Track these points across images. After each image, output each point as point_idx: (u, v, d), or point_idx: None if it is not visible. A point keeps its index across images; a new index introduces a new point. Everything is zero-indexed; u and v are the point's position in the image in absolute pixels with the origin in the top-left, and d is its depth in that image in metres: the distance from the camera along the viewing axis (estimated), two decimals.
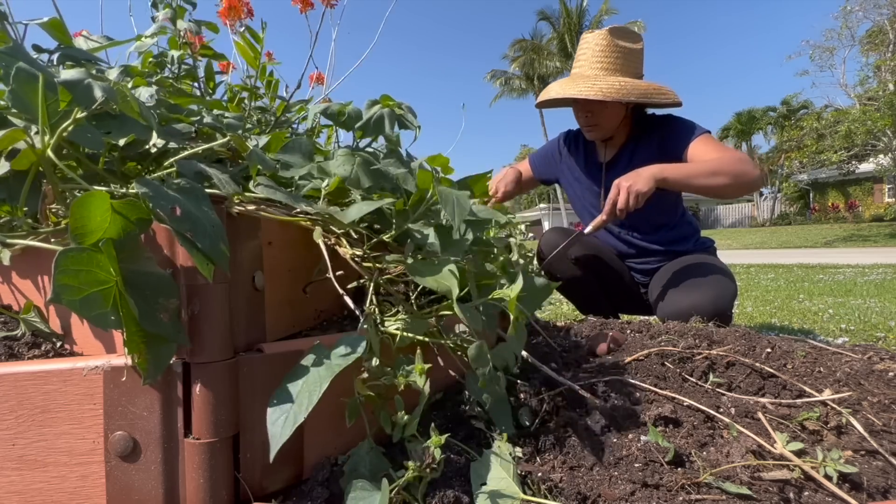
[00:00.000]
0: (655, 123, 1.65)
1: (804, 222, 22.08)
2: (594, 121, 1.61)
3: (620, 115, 1.62)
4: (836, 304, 3.02)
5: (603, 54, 1.55)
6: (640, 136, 1.66)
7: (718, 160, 1.40)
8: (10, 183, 0.58)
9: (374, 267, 0.69)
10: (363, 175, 0.74)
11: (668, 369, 0.89)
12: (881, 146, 15.03)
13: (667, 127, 1.61)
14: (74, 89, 0.53)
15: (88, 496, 0.50)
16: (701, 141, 1.51)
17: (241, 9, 1.06)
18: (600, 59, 1.56)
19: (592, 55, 1.57)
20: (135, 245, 0.48)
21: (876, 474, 0.61)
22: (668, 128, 1.60)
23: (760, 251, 12.03)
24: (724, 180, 1.36)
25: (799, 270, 5.97)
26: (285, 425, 0.48)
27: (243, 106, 1.18)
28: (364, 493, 0.50)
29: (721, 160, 1.40)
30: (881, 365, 0.87)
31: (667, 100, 1.53)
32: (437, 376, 0.77)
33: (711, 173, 1.37)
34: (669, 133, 1.59)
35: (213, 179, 0.60)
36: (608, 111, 1.59)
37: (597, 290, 1.82)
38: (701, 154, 1.48)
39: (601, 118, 1.60)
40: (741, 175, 1.37)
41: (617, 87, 1.48)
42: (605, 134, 1.65)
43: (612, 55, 1.55)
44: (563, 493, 0.57)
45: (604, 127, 1.62)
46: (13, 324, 0.69)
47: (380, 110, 0.92)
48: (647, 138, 1.64)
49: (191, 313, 0.51)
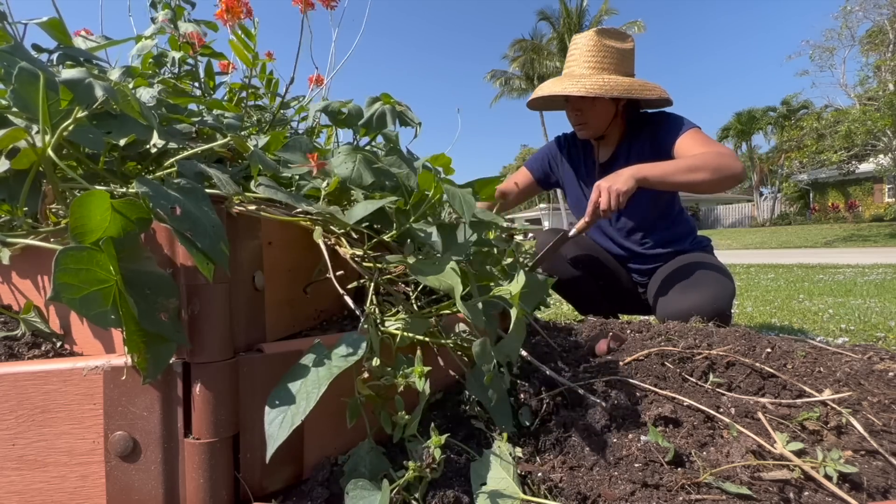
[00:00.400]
0: (647, 121, 1.67)
1: (804, 222, 22.09)
2: (583, 119, 1.65)
3: (610, 113, 1.64)
4: (836, 304, 3.02)
5: (591, 54, 1.60)
6: (634, 134, 1.68)
7: (700, 156, 1.41)
8: (11, 183, 0.58)
9: (374, 267, 0.69)
10: (365, 171, 0.74)
11: (668, 369, 0.89)
12: (881, 146, 15.03)
13: (657, 123, 1.63)
14: (75, 89, 0.53)
15: (88, 496, 0.50)
16: (688, 136, 1.53)
17: (240, 9, 1.06)
18: (588, 58, 1.60)
19: (581, 55, 1.62)
20: (135, 244, 0.48)
21: (876, 474, 0.61)
22: (658, 124, 1.63)
23: (760, 251, 12.04)
24: (704, 175, 1.36)
25: (799, 270, 5.97)
26: (282, 426, 0.48)
27: (243, 105, 1.18)
28: (364, 492, 0.50)
29: (703, 156, 1.41)
30: (881, 365, 0.87)
31: (652, 95, 1.55)
32: (437, 376, 0.77)
33: (691, 169, 1.37)
34: (659, 129, 1.61)
35: (214, 179, 0.60)
36: (596, 109, 1.62)
37: (595, 291, 1.83)
38: (687, 149, 1.50)
39: (590, 116, 1.63)
40: (722, 169, 1.37)
41: (600, 84, 1.52)
42: (595, 132, 1.68)
43: (600, 54, 1.59)
44: (563, 493, 0.57)
45: (593, 125, 1.65)
46: (13, 324, 0.69)
47: (381, 107, 0.92)
48: (640, 137, 1.66)
49: (191, 313, 0.51)
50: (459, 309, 0.58)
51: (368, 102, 0.95)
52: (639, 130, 1.67)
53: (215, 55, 1.16)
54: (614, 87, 1.52)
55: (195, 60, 1.11)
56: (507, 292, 0.63)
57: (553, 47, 25.63)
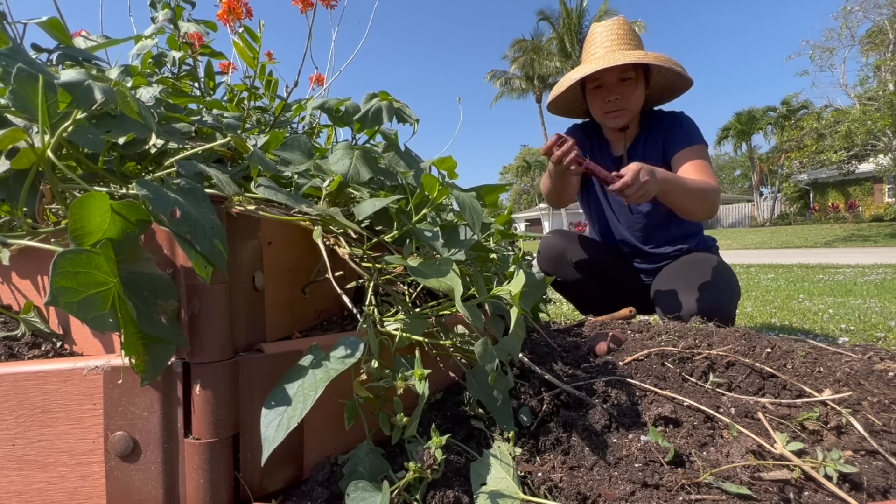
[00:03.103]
0: (663, 119, 1.65)
1: (804, 222, 22.08)
2: (623, 104, 1.57)
3: (642, 100, 1.61)
4: (836, 304, 3.02)
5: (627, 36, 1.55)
6: (650, 131, 1.66)
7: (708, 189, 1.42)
8: (10, 183, 0.58)
9: (373, 267, 0.69)
10: (362, 168, 0.74)
11: (668, 369, 0.89)
12: (881, 146, 15.02)
13: (672, 124, 1.61)
14: (75, 91, 0.53)
15: (88, 496, 0.50)
16: (693, 152, 1.53)
17: (240, 10, 1.06)
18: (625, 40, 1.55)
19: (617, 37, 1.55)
20: (134, 246, 0.48)
21: (876, 474, 0.60)
22: (672, 125, 1.61)
23: (760, 251, 12.03)
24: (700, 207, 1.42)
25: (799, 270, 5.97)
26: (279, 429, 0.48)
27: (242, 106, 1.18)
28: (364, 494, 0.50)
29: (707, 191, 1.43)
30: (881, 365, 0.87)
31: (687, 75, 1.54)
32: (436, 376, 0.77)
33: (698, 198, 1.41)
34: (672, 131, 1.60)
35: (213, 179, 0.60)
36: (637, 92, 1.57)
37: (597, 291, 1.82)
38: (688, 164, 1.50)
39: (631, 100, 1.57)
40: (710, 208, 1.44)
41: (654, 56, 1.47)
42: (629, 118, 1.62)
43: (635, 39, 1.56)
44: (563, 493, 0.57)
45: (632, 109, 1.59)
46: (13, 324, 0.69)
47: (378, 103, 0.92)
48: (656, 132, 1.64)
49: (191, 313, 0.51)
50: (459, 310, 0.58)
51: (366, 99, 0.95)
52: (654, 128, 1.65)
53: (215, 55, 1.16)
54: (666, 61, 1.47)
55: (195, 60, 1.11)
56: (506, 292, 0.63)
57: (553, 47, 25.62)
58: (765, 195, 29.62)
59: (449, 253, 0.68)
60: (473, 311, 0.62)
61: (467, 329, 0.77)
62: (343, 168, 0.73)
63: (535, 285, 0.83)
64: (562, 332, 1.23)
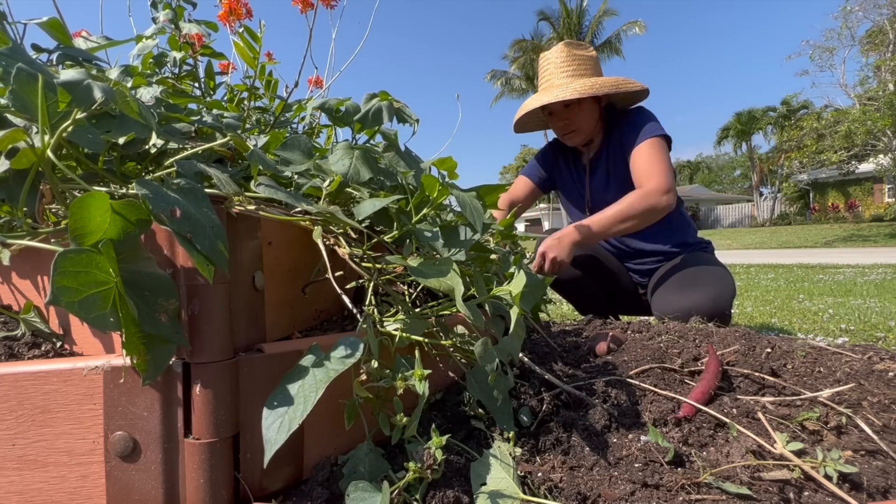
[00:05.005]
0: (618, 119, 1.70)
1: (804, 222, 22.08)
2: (573, 126, 1.68)
3: (595, 116, 1.68)
4: (836, 304, 3.02)
5: (566, 64, 1.65)
6: (612, 135, 1.71)
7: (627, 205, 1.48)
8: (10, 183, 0.58)
9: (373, 267, 0.69)
10: (362, 168, 0.74)
11: (668, 369, 0.89)
12: (881, 146, 15.02)
13: (624, 124, 1.66)
14: (74, 90, 0.53)
15: (88, 496, 0.50)
16: (645, 147, 1.56)
17: (241, 10, 1.06)
18: (564, 68, 1.65)
19: (556, 67, 1.67)
20: (134, 245, 0.48)
21: (876, 474, 0.60)
22: (624, 125, 1.66)
23: (760, 251, 12.03)
24: (632, 223, 1.48)
25: (799, 270, 5.97)
26: (280, 430, 0.48)
27: (242, 106, 1.18)
28: (364, 494, 0.50)
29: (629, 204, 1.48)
30: (881, 365, 0.87)
31: (637, 87, 1.60)
32: (436, 376, 0.77)
33: (620, 220, 1.48)
34: (623, 132, 1.65)
35: (214, 179, 0.60)
36: (584, 113, 1.65)
37: (596, 292, 1.83)
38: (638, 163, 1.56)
39: (579, 121, 1.66)
40: (647, 212, 1.48)
41: (590, 84, 1.57)
42: (585, 137, 1.72)
43: (574, 63, 1.65)
44: (563, 493, 0.57)
45: (583, 130, 1.69)
46: (13, 324, 0.69)
47: (378, 103, 0.92)
48: (616, 138, 1.70)
49: (191, 313, 0.51)
50: (460, 310, 0.58)
51: (366, 99, 0.95)
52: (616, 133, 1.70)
53: (215, 55, 1.16)
54: (602, 85, 1.57)
55: (195, 60, 1.11)
56: (507, 292, 0.63)
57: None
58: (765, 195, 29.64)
59: (449, 253, 0.68)
60: (474, 311, 0.62)
61: (467, 329, 0.77)
62: (343, 168, 0.73)
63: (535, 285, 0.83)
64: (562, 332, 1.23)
